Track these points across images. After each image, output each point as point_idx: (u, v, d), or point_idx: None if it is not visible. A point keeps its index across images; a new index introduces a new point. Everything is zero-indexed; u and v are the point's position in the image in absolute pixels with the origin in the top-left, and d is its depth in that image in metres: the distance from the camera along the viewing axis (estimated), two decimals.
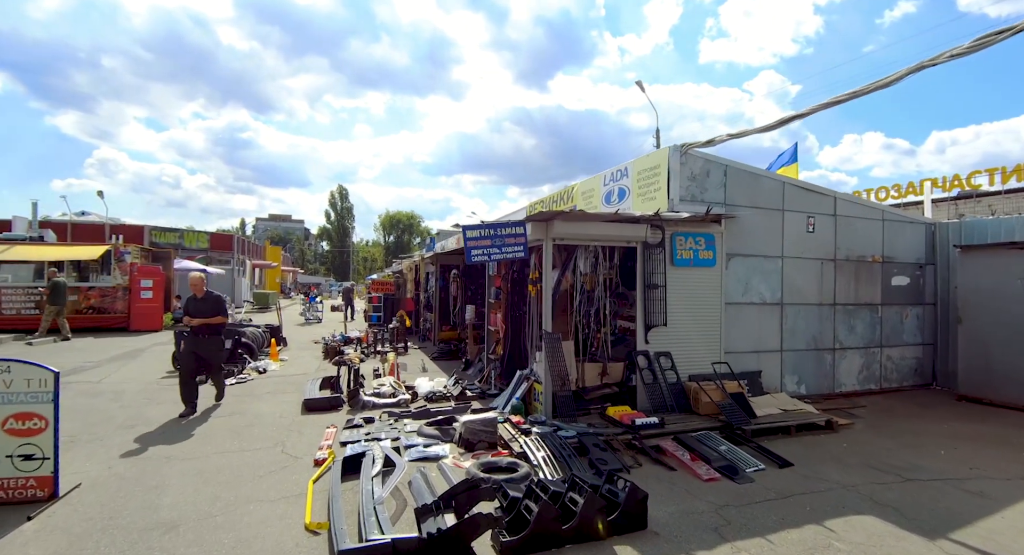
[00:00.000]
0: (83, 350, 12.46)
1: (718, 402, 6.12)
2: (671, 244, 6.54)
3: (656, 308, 6.44)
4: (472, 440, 5.12)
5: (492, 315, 8.67)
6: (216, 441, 5.56)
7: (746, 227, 7.18)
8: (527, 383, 6.45)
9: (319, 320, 21.99)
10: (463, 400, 7.29)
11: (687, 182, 6.75)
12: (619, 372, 6.51)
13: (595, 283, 6.49)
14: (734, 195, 7.09)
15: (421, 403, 7.17)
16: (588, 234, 6.15)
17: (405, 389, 7.64)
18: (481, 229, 5.74)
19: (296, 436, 5.71)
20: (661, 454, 5.13)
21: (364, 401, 6.86)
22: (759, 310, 7.37)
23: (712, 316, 6.95)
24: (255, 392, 8.02)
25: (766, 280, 7.41)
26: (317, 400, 6.84)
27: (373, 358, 11.62)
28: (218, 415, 6.61)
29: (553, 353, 5.96)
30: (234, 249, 31.82)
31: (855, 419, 6.73)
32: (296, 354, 12.29)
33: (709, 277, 6.93)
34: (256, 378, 9.15)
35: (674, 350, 6.65)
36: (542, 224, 6.04)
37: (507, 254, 5.78)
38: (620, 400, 6.51)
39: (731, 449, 5.20)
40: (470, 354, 10.16)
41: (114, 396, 7.72)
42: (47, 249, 17.93)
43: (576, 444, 5.03)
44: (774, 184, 7.48)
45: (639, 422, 5.46)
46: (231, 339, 10.01)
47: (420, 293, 16.85)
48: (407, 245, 77.44)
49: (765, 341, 7.42)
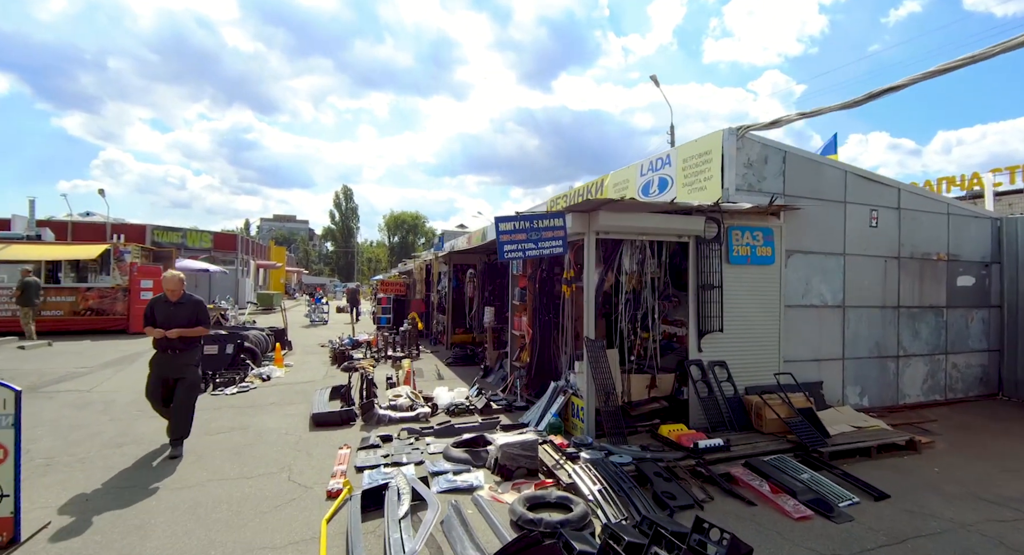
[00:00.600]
0: (78, 354, 11.79)
1: (785, 419, 5.35)
2: (727, 239, 5.79)
3: (711, 312, 5.68)
4: (509, 467, 4.37)
5: (516, 318, 7.92)
6: (213, 464, 4.83)
7: (806, 221, 6.41)
8: (563, 397, 5.70)
9: (325, 322, 21.30)
10: (488, 414, 6.55)
11: (743, 170, 5.98)
12: (669, 384, 5.76)
13: (642, 283, 5.74)
14: (793, 185, 6.32)
15: (442, 417, 6.43)
16: (636, 227, 5.40)
17: (423, 400, 6.90)
18: (515, 221, 5.00)
19: (304, 458, 4.97)
20: (733, 483, 4.37)
21: (379, 415, 6.12)
22: (820, 313, 6.60)
23: (770, 320, 6.19)
24: (258, 402, 7.29)
25: (827, 280, 6.64)
26: (327, 415, 6.10)
27: (383, 363, 10.89)
28: (218, 431, 5.88)
29: (596, 363, 5.21)
30: (238, 249, 31.20)
31: (932, 436, 5.94)
32: (302, 359, 11.58)
33: (767, 276, 6.16)
34: (260, 386, 8.43)
35: (729, 359, 5.89)
36: (584, 215, 5.29)
37: (544, 250, 5.04)
38: (669, 416, 5.75)
39: (814, 477, 4.43)
40: (489, 360, 9.41)
41: (104, 407, 7.02)
42: (44, 248, 17.30)
43: (634, 473, 4.28)
44: (836, 173, 6.71)
45: (702, 444, 4.70)
46: (233, 344, 9.31)
47: (431, 294, 16.12)
48: (412, 246, 76.81)
49: (826, 348, 6.64)
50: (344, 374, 9.67)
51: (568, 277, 6.12)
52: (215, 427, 6.01)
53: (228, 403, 7.24)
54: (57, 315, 16.21)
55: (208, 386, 8.09)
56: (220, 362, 9.02)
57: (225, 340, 9.25)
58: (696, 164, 6.34)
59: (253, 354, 10.01)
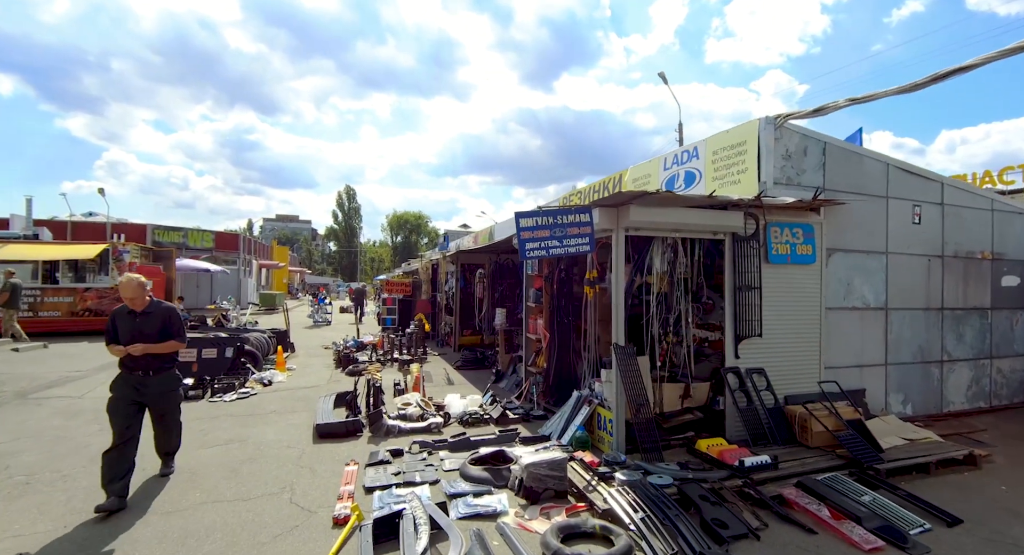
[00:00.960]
0: (73, 357, 11.39)
1: (834, 432, 4.89)
2: (765, 236, 5.33)
3: (749, 315, 5.22)
4: (536, 489, 3.92)
5: (531, 321, 7.47)
6: (208, 483, 4.40)
7: (847, 217, 5.94)
8: (588, 407, 5.25)
9: (328, 323, 20.86)
10: (505, 424, 6.10)
11: (781, 162, 5.52)
12: (704, 394, 5.30)
13: (673, 284, 5.28)
14: (834, 178, 5.86)
15: (456, 428, 5.98)
16: (669, 223, 4.94)
17: (435, 409, 6.45)
18: (538, 217, 4.55)
19: (308, 476, 4.53)
20: (787, 507, 3.92)
21: (388, 426, 5.68)
22: (861, 316, 6.13)
23: (810, 324, 5.72)
24: (258, 411, 6.86)
25: (869, 280, 6.17)
26: (332, 426, 5.66)
27: (389, 366, 10.46)
28: (214, 443, 5.45)
29: (626, 371, 4.75)
30: (240, 249, 30.82)
31: (987, 448, 5.47)
32: (305, 362, 11.15)
33: (807, 277, 5.70)
34: (260, 392, 8.00)
35: (768, 366, 5.43)
36: (612, 210, 4.83)
37: (569, 248, 4.58)
38: (704, 428, 5.30)
39: (877, 500, 3.97)
40: (501, 364, 8.97)
41: (95, 415, 6.59)
42: (41, 248, 16.93)
43: (677, 496, 3.82)
44: (878, 166, 6.23)
45: (749, 462, 4.24)
46: (232, 347, 8.89)
47: (437, 294, 15.69)
48: (415, 246, 76.42)
49: (868, 353, 6.18)
50: (349, 379, 9.24)
51: (591, 277, 5.66)
52: (211, 439, 5.58)
53: (227, 411, 6.81)
54: (55, 316, 15.85)
55: (206, 392, 7.67)
56: (219, 366, 8.60)
57: (224, 343, 8.83)
58: (728, 156, 5.88)
59: (254, 357, 9.58)
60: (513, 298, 10.66)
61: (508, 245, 9.45)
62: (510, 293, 11.00)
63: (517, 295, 10.92)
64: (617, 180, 8.28)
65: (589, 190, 9.41)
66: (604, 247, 5.28)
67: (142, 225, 26.11)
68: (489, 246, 9.99)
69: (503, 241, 9.18)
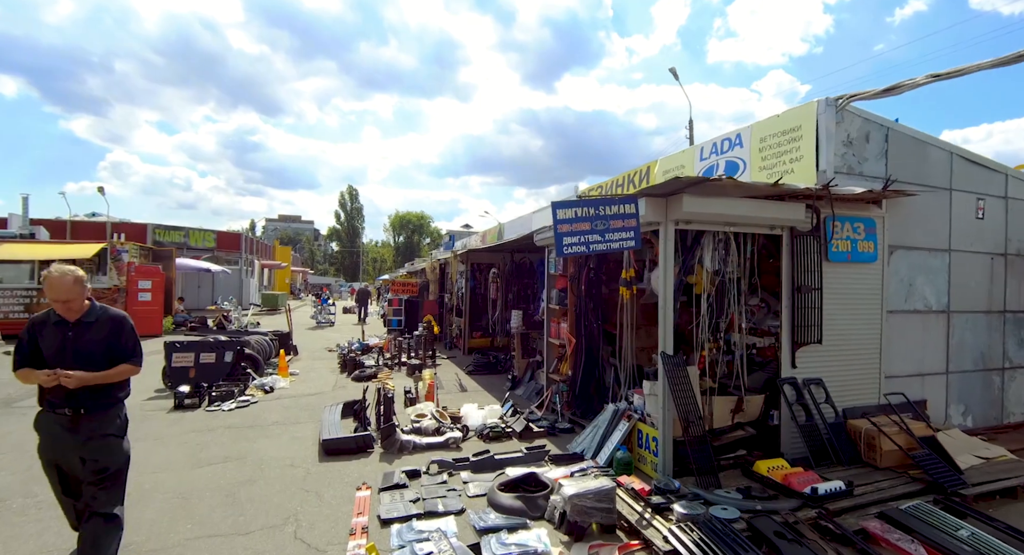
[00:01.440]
0: None
1: (907, 450, 4.33)
2: (825, 231, 4.76)
3: (808, 319, 4.66)
4: (581, 523, 3.37)
5: (553, 324, 6.92)
6: (201, 510, 3.86)
7: (910, 211, 5.38)
8: (627, 423, 4.69)
9: (332, 323, 20.35)
10: (529, 438, 5.54)
11: (842, 149, 4.96)
12: (757, 408, 4.74)
13: (724, 284, 4.71)
14: (897, 168, 5.29)
15: (476, 443, 5.43)
16: (723, 216, 4.37)
17: (451, 421, 5.91)
18: (577, 207, 3.99)
19: (315, 503, 3.99)
20: (872, 543, 3.35)
21: (402, 442, 5.13)
22: (923, 320, 5.56)
23: (870, 329, 5.16)
24: (259, 421, 6.32)
25: (931, 281, 5.61)
26: (340, 441, 5.11)
27: (397, 371, 9.92)
28: (209, 461, 4.91)
29: (676, 383, 4.19)
30: (242, 248, 30.33)
31: None
32: (309, 365, 10.61)
33: (867, 276, 5.14)
34: (261, 400, 7.47)
35: (826, 376, 4.87)
36: (660, 201, 4.27)
37: (612, 243, 4.03)
38: (755, 445, 4.74)
39: (976, 534, 3.40)
40: (517, 369, 8.41)
41: None
42: (37, 247, 16.43)
43: (747, 531, 3.27)
44: (941, 155, 5.67)
45: (822, 489, 3.68)
46: (232, 351, 8.35)
47: (444, 295, 15.15)
48: (417, 246, 75.98)
49: (928, 361, 5.61)
50: (356, 385, 8.71)
51: (627, 277, 5.11)
52: (207, 456, 5.03)
53: (225, 422, 6.27)
54: None
55: (203, 401, 7.14)
56: (218, 372, 8.07)
57: (223, 347, 8.30)
58: (779, 143, 5.32)
59: (255, 362, 9.05)
60: (528, 299, 10.11)
61: (524, 243, 8.91)
62: (525, 293, 10.45)
63: (532, 296, 10.38)
64: (644, 173, 7.72)
65: (611, 185, 8.85)
66: (644, 243, 4.71)
67: (142, 224, 25.61)
68: (503, 244, 9.45)
69: (516, 240, 8.63)
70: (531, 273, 10.15)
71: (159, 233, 25.81)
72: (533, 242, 7.23)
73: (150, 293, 15.98)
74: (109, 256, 16.04)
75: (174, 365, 7.94)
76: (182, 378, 7.76)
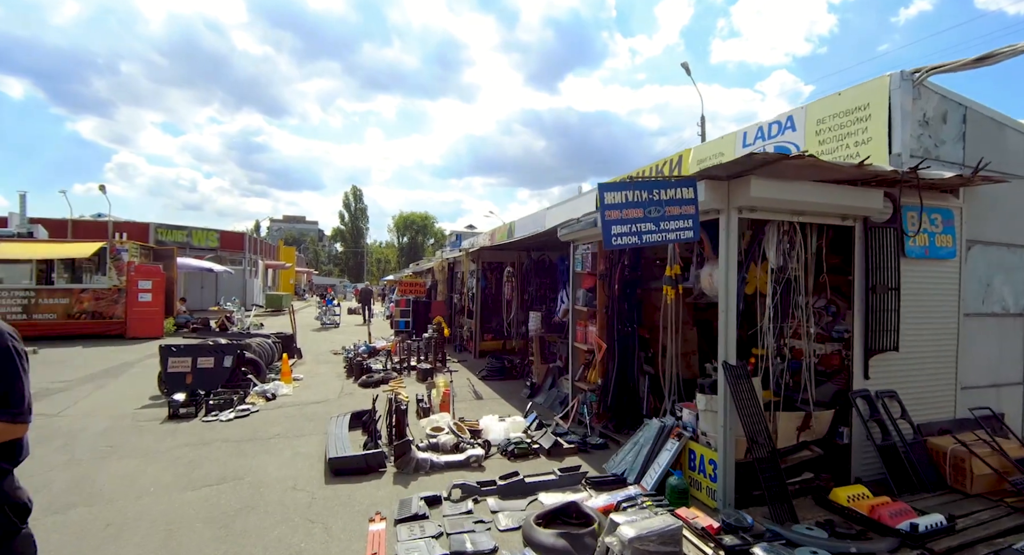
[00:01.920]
0: (61, 364, 10.38)
1: (1004, 474, 3.74)
2: (902, 223, 4.17)
3: (884, 323, 4.07)
4: None
5: (579, 327, 6.35)
6: (189, 546, 3.30)
7: (988, 201, 4.78)
8: (677, 442, 4.11)
9: (336, 325, 19.84)
10: (558, 454, 4.97)
11: (918, 130, 4.36)
12: (825, 424, 4.14)
13: (790, 283, 4.11)
14: (975, 152, 4.68)
15: (500, 461, 4.86)
16: (791, 203, 3.79)
17: (471, 436, 5.34)
18: (627, 190, 3.41)
19: (322, 537, 3.43)
20: None
21: (418, 460, 4.56)
22: (999, 324, 4.96)
23: (947, 334, 4.56)
24: (260, 433, 5.78)
25: (1010, 280, 5.00)
26: (349, 460, 4.55)
27: (406, 375, 9.37)
28: (202, 482, 4.36)
29: (741, 397, 3.61)
30: (245, 248, 29.88)
31: None
32: (313, 370, 10.08)
33: (944, 275, 4.54)
34: (263, 408, 6.92)
35: (899, 387, 4.28)
36: (721, 184, 3.69)
37: (668, 234, 3.46)
38: (822, 466, 4.15)
39: None
40: (536, 376, 7.84)
41: (67, 440, 5.55)
42: (33, 246, 15.97)
43: None
44: (1020, 140, 5.07)
45: (922, 525, 3.09)
46: (232, 355, 7.82)
47: (453, 295, 14.60)
48: (421, 246, 75.54)
49: (1005, 370, 5.01)
50: (363, 391, 8.16)
51: (672, 275, 4.53)
52: (200, 476, 4.48)
53: (222, 434, 5.73)
54: (50, 319, 14.92)
55: (200, 410, 6.60)
56: (217, 378, 7.53)
57: (223, 351, 7.77)
58: (841, 124, 4.73)
59: (256, 366, 8.51)
60: (547, 300, 9.53)
61: (540, 240, 8.35)
62: (541, 294, 9.87)
63: (551, 296, 9.79)
64: (676, 162, 7.13)
65: (635, 176, 8.27)
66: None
67: (144, 224, 25.19)
68: (522, 240, 8.87)
69: (533, 236, 8.07)
70: (550, 271, 9.53)
71: (161, 232, 25.39)
72: (550, 239, 6.68)
73: (150, 294, 15.47)
74: (108, 255, 15.56)
75: (170, 370, 7.40)
76: (179, 384, 7.23)
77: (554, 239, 6.71)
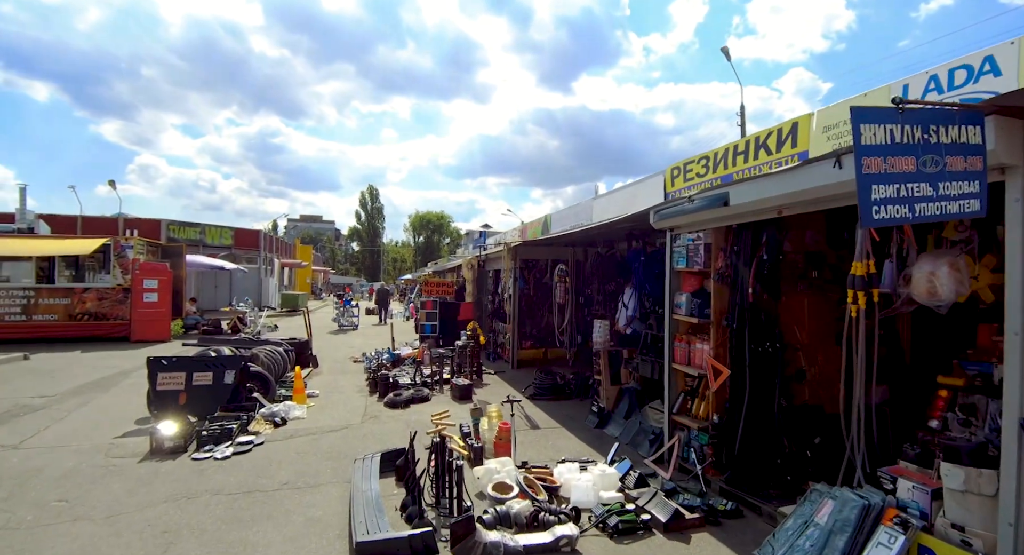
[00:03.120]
0: (50, 374, 9.17)
1: None
2: None
3: None
4: None
5: (679, 343, 4.84)
6: None
7: None
8: (898, 534, 2.59)
9: (355, 327, 18.57)
10: (680, 530, 3.49)
11: None
12: None
13: None
14: None
15: (596, 539, 3.39)
16: None
17: (549, 497, 3.88)
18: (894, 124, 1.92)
19: None
20: None
21: (486, 546, 3.10)
22: None
23: None
24: (262, 481, 4.39)
25: None
26: (385, 546, 3.11)
27: (437, 391, 7.96)
28: None
29: None
30: (261, 246, 28.85)
31: None
32: (331, 383, 8.73)
33: None
34: (269, 439, 5.55)
35: None
36: (1017, 125, 2.18)
37: (950, 205, 1.97)
38: None
39: None
40: (605, 399, 6.34)
41: (13, 489, 4.21)
42: (35, 243, 14.96)
43: None
44: None
45: None
46: (235, 370, 6.47)
47: (483, 296, 13.18)
48: (437, 246, 74.48)
49: None
50: (390, 413, 6.79)
51: (864, 274, 3.01)
52: (186, 545, 3.09)
53: (214, 483, 4.35)
54: (50, 320, 13.88)
55: (191, 442, 5.24)
56: (216, 398, 6.19)
57: (223, 365, 6.42)
58: None
59: (264, 382, 7.14)
60: (608, 304, 8.02)
61: (590, 235, 6.86)
62: (600, 297, 8.36)
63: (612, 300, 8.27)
64: (790, 130, 5.60)
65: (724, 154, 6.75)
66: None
67: (156, 220, 24.23)
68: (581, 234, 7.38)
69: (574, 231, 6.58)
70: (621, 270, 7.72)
71: (174, 230, 24.42)
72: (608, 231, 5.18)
73: (156, 293, 14.31)
74: (113, 252, 14.45)
75: (159, 388, 6.07)
76: (170, 405, 5.91)
77: (607, 232, 5.23)
